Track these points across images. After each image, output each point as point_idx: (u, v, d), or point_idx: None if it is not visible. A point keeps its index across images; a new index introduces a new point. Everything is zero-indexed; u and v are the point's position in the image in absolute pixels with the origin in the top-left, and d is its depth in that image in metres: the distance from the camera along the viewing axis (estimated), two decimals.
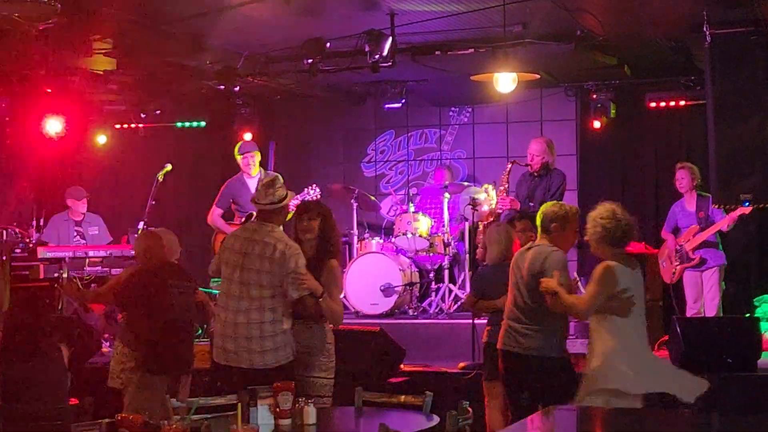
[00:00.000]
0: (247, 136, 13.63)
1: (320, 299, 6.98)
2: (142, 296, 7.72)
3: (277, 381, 6.00)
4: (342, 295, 7.76)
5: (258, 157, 11.70)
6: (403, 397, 6.47)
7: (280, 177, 7.67)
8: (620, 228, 6.77)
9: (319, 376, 7.18)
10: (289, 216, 7.78)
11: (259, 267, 7.07)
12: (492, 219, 10.97)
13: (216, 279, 12.05)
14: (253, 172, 11.56)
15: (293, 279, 6.95)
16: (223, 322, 7.15)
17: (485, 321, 8.47)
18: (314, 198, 11.60)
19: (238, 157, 11.64)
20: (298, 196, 11.18)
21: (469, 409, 5.78)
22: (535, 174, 10.68)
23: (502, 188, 11.00)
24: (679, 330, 9.40)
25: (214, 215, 11.64)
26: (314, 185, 11.91)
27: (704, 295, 10.99)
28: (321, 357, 7.19)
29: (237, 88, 11.50)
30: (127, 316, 8.10)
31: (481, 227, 11.09)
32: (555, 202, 7.47)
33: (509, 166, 11.17)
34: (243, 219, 11.33)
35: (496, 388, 7.96)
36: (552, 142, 10.88)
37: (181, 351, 7.74)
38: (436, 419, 5.81)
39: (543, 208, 7.27)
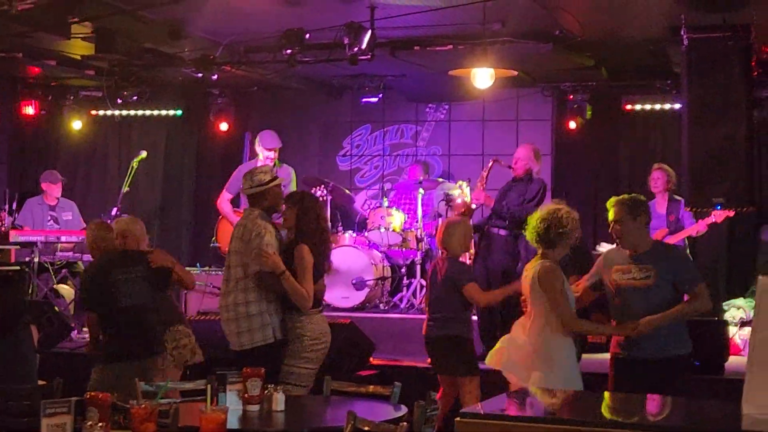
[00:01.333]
0: (223, 126, 13.62)
1: (280, 277, 7.07)
2: (90, 291, 7.73)
3: (254, 363, 6.04)
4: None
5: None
6: (371, 387, 6.48)
7: (268, 166, 7.80)
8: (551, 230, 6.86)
9: (287, 364, 7.24)
10: None
11: (235, 248, 7.34)
12: (464, 211, 10.97)
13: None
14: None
15: (256, 254, 7.12)
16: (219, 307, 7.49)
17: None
18: (321, 196, 11.73)
19: (260, 149, 11.24)
20: None
21: (437, 400, 5.80)
22: (517, 178, 10.67)
23: (479, 183, 10.99)
24: None
25: (223, 199, 11.41)
26: (321, 186, 12.00)
27: None
28: (294, 345, 7.25)
29: (215, 77, 11.42)
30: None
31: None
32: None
33: (491, 163, 11.12)
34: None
35: (448, 379, 8.12)
36: (539, 152, 10.80)
37: (138, 336, 7.66)
38: (404, 409, 5.82)
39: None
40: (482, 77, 10.73)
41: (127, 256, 7.84)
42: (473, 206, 10.91)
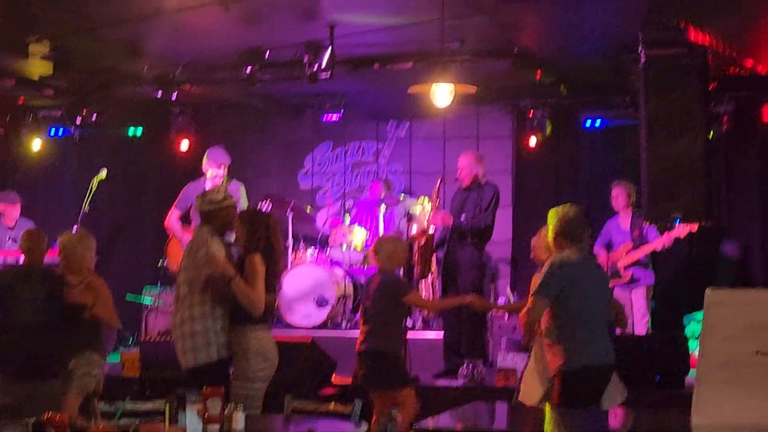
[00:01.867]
0: (184, 145, 13.58)
1: (231, 282, 7.06)
2: None
3: (200, 382, 6.03)
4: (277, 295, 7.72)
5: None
6: (332, 404, 6.51)
7: (223, 185, 7.82)
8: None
9: (238, 386, 7.21)
10: None
11: (184, 264, 7.37)
12: (425, 239, 11.00)
13: (148, 287, 12.14)
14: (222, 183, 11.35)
15: (206, 260, 7.14)
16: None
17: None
18: (273, 210, 11.74)
19: (209, 166, 11.37)
20: None
21: (398, 416, 5.84)
22: (466, 188, 10.78)
23: (432, 207, 11.06)
24: None
25: (172, 217, 11.46)
26: (268, 200, 11.98)
27: (633, 314, 11.12)
28: (240, 363, 7.24)
29: (174, 96, 11.42)
30: None
31: (415, 247, 11.10)
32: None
33: (438, 183, 11.22)
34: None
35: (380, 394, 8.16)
36: (480, 156, 10.95)
37: (31, 355, 7.61)
38: (364, 426, 5.86)
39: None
40: (442, 94, 10.78)
41: (42, 272, 7.79)
42: (431, 231, 10.97)
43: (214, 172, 11.21)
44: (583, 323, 6.82)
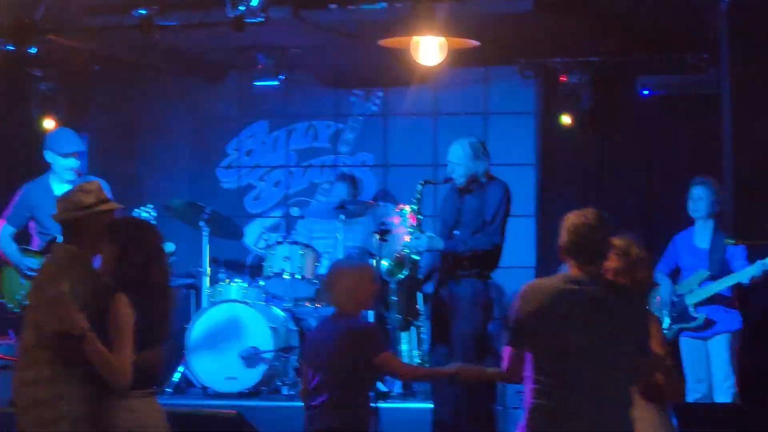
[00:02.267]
0: (49, 124, 13.53)
1: (81, 340, 6.93)
2: None
3: None
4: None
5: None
6: None
7: (95, 183, 7.74)
8: None
9: None
10: None
11: (31, 303, 7.31)
12: (409, 270, 11.07)
13: None
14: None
15: (47, 309, 7.02)
16: None
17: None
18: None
19: (54, 156, 11.40)
20: None
21: None
22: (463, 190, 10.84)
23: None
24: (676, 422, 9.42)
25: (3, 235, 11.51)
26: (150, 206, 11.89)
27: (711, 374, 11.16)
28: None
29: (34, 51, 11.32)
30: None
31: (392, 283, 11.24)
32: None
33: (420, 188, 11.28)
34: (44, 244, 11.26)
35: None
36: (479, 144, 11.03)
37: None
38: None
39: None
40: (428, 49, 10.71)
41: None
42: (415, 257, 11.09)
43: (61, 165, 11.27)
44: (562, 381, 6.78)
